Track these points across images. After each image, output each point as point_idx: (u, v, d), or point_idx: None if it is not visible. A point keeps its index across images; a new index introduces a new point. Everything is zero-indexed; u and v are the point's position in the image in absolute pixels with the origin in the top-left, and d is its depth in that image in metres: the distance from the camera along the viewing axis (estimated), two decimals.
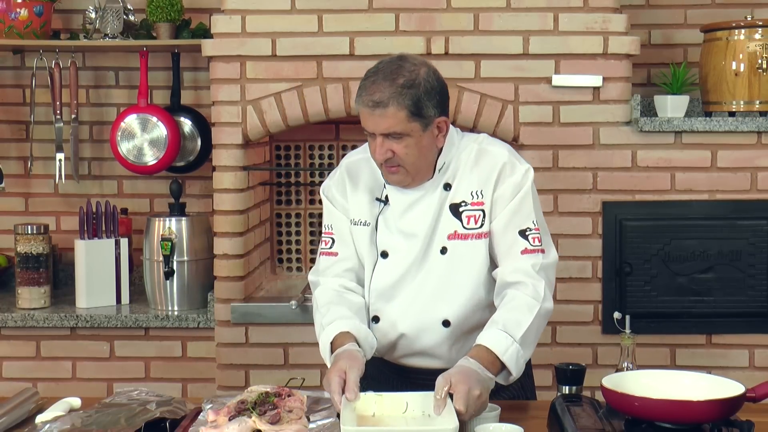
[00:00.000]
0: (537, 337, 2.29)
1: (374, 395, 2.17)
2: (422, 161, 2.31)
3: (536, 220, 2.35)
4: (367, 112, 2.25)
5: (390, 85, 2.23)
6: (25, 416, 2.23)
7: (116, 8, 3.78)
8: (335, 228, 2.47)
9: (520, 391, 2.49)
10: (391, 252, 2.38)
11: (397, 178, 2.33)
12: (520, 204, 2.33)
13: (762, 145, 3.45)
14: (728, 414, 1.98)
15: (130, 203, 4.05)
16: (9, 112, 4.08)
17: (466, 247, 2.34)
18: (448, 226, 2.35)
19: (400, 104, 2.22)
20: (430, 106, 2.26)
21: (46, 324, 3.61)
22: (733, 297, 3.48)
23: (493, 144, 2.41)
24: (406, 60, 2.29)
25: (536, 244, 2.33)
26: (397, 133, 2.25)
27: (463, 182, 2.36)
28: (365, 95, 2.25)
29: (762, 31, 3.46)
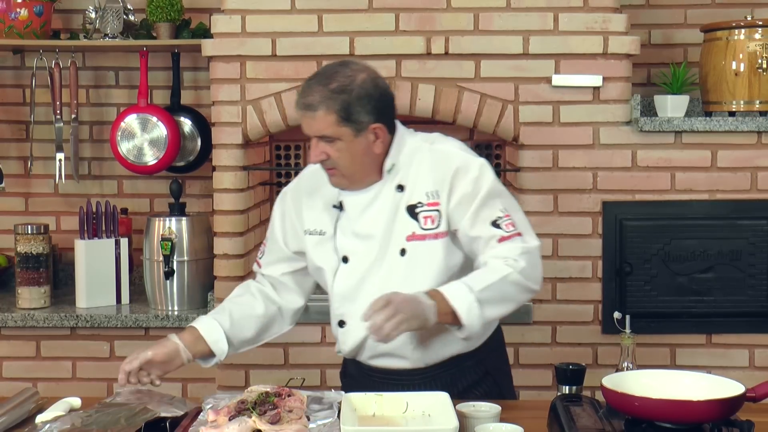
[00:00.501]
0: (504, 300, 2.28)
1: (374, 395, 2.17)
2: (357, 166, 2.35)
3: (504, 207, 2.35)
4: (300, 114, 2.33)
5: (322, 89, 2.28)
6: (25, 416, 2.23)
7: (116, 8, 3.78)
8: (269, 241, 2.58)
9: (494, 387, 2.50)
10: (351, 256, 2.42)
11: (335, 180, 2.39)
12: (484, 199, 2.34)
13: (762, 145, 3.45)
14: (728, 414, 1.98)
15: (130, 203, 4.05)
16: (9, 112, 4.09)
17: (425, 248, 2.36)
18: (406, 227, 2.37)
19: (330, 108, 2.27)
20: (363, 113, 2.30)
21: (46, 324, 3.61)
22: (733, 297, 3.48)
23: (445, 143, 2.44)
24: (346, 66, 2.35)
25: (510, 229, 2.33)
26: (328, 137, 2.30)
27: (417, 183, 2.38)
28: (300, 97, 2.33)
29: (762, 31, 3.46)
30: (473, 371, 2.47)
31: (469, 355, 2.46)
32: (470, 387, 2.46)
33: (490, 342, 2.52)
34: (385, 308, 2.15)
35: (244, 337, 2.51)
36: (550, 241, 3.45)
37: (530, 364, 3.47)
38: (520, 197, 3.49)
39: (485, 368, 2.50)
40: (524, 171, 3.46)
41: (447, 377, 2.42)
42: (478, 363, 2.48)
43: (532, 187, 3.45)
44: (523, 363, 3.48)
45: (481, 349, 2.49)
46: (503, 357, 2.62)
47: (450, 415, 2.03)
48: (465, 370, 2.45)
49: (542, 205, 3.46)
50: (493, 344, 2.54)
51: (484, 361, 2.49)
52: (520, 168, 3.48)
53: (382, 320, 2.14)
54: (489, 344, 2.52)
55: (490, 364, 2.51)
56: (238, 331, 2.48)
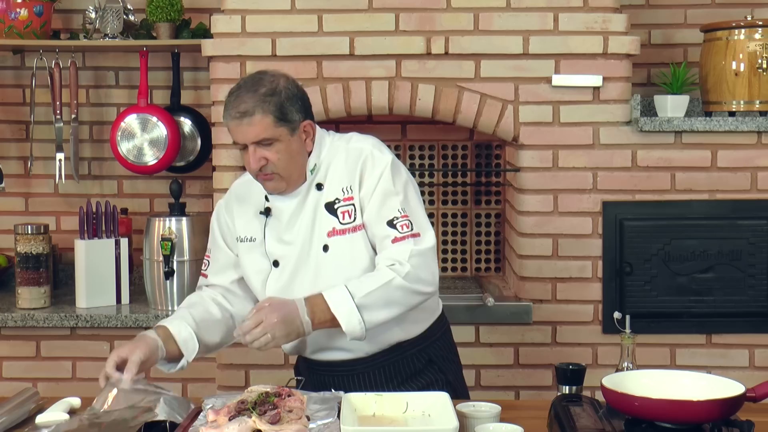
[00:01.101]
0: (389, 304, 2.35)
1: (374, 395, 2.17)
2: (294, 165, 2.43)
3: (402, 207, 2.42)
4: (235, 124, 2.38)
5: (253, 95, 2.36)
6: (25, 416, 2.23)
7: (116, 8, 3.78)
8: (213, 253, 2.62)
9: (439, 375, 2.56)
10: (281, 260, 2.49)
11: (273, 185, 2.45)
12: (384, 195, 2.42)
13: (762, 145, 3.45)
14: (728, 414, 1.98)
15: (130, 203, 4.05)
16: (9, 112, 4.09)
17: (346, 242, 2.44)
18: (326, 224, 2.46)
19: (265, 111, 2.36)
20: (294, 111, 2.40)
21: (46, 324, 3.61)
22: (733, 297, 3.48)
23: (359, 140, 2.52)
24: (265, 73, 2.44)
25: (405, 230, 2.39)
26: (267, 139, 2.37)
27: (334, 180, 2.47)
28: (231, 109, 2.38)
29: (762, 31, 3.46)
30: (416, 359, 2.54)
31: (410, 343, 2.53)
32: (414, 375, 2.53)
33: (433, 330, 2.59)
34: (255, 327, 2.27)
35: (208, 341, 2.53)
36: (550, 241, 3.46)
37: (530, 364, 3.48)
38: (520, 197, 3.49)
39: (428, 356, 2.56)
40: (524, 171, 3.46)
41: (390, 366, 2.51)
42: (421, 351, 2.55)
43: (532, 187, 3.45)
44: (523, 363, 3.48)
45: (424, 336, 2.56)
46: (449, 345, 2.68)
47: (450, 415, 2.03)
48: (408, 359, 2.52)
49: (542, 205, 3.46)
50: (436, 333, 2.60)
51: (427, 350, 2.56)
52: (520, 168, 3.48)
53: (250, 339, 2.27)
54: (432, 332, 2.59)
55: (433, 353, 2.58)
56: (204, 334, 2.50)
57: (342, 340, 2.43)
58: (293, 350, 2.58)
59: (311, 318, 2.31)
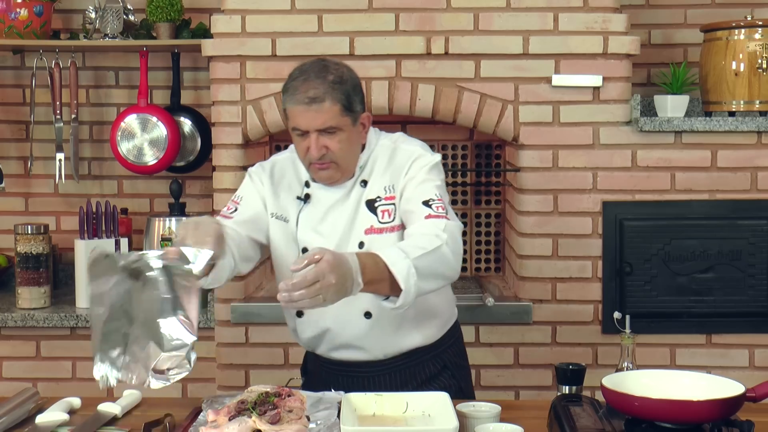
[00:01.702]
0: (435, 273, 2.23)
1: (374, 395, 2.17)
2: (352, 156, 2.41)
3: (439, 194, 2.38)
4: (302, 110, 2.33)
5: (322, 82, 2.32)
6: (25, 416, 2.23)
7: (116, 8, 3.78)
8: (244, 201, 2.50)
9: (452, 381, 2.54)
10: (310, 249, 2.40)
11: (327, 174, 2.40)
12: (423, 181, 2.39)
13: (762, 145, 3.45)
14: (728, 414, 1.98)
15: (130, 203, 4.05)
16: (9, 112, 4.09)
17: (382, 241, 2.39)
18: (365, 221, 2.42)
19: (335, 99, 2.32)
20: (357, 102, 2.38)
21: (46, 324, 3.61)
22: (733, 297, 3.48)
23: (407, 142, 2.49)
24: (328, 61, 2.40)
25: (439, 211, 2.35)
26: (332, 128, 2.33)
27: (377, 179, 2.44)
28: (299, 93, 2.32)
29: (762, 31, 3.46)
30: (431, 364, 2.52)
31: (427, 349, 2.51)
32: (428, 380, 2.51)
33: (448, 336, 2.58)
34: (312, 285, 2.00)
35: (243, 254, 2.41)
36: (550, 241, 3.46)
37: (530, 364, 3.48)
38: (520, 197, 3.49)
39: (443, 362, 2.54)
40: (524, 171, 3.46)
41: (405, 370, 2.48)
42: (437, 357, 2.53)
43: (532, 187, 3.45)
44: (523, 363, 3.48)
45: (440, 342, 2.54)
46: (461, 352, 2.66)
47: (450, 415, 2.03)
48: (423, 363, 2.50)
49: (542, 205, 3.46)
50: (451, 339, 2.59)
51: (442, 355, 2.54)
52: (520, 168, 3.48)
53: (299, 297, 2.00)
54: (447, 338, 2.57)
55: (448, 358, 2.56)
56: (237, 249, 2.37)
57: (361, 339, 2.40)
58: (308, 344, 2.52)
59: (363, 279, 2.10)
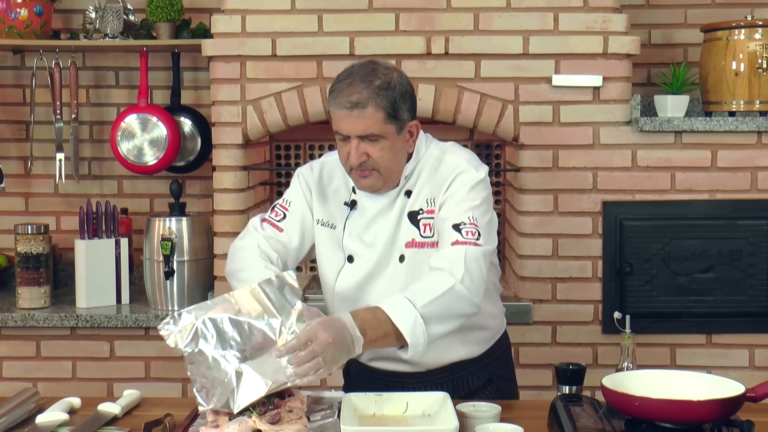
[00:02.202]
0: (449, 315, 2.18)
1: (374, 395, 2.17)
2: (395, 165, 2.32)
3: (473, 216, 2.27)
4: (343, 114, 2.25)
5: (367, 86, 2.24)
6: (25, 416, 2.23)
7: (116, 8, 3.78)
8: (293, 207, 2.46)
9: (496, 394, 2.47)
10: (356, 257, 2.38)
11: (369, 182, 2.32)
12: (459, 201, 2.30)
13: (762, 145, 3.45)
14: (728, 414, 1.98)
15: (130, 203, 4.05)
16: (9, 112, 4.08)
17: (423, 256, 2.32)
18: (407, 234, 2.35)
19: (378, 105, 2.24)
20: (405, 109, 2.29)
21: (46, 324, 3.61)
22: (734, 297, 3.48)
23: (454, 153, 2.39)
24: (378, 64, 2.32)
25: (468, 237, 2.25)
26: (374, 135, 2.25)
27: (421, 190, 2.36)
28: (342, 97, 2.25)
29: (762, 30, 3.46)
30: (476, 378, 2.45)
31: (472, 362, 2.44)
32: (472, 394, 2.42)
33: (495, 349, 2.50)
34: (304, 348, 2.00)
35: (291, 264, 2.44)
36: (550, 241, 3.46)
37: (530, 364, 3.47)
38: (520, 197, 3.49)
39: (488, 375, 2.48)
40: (524, 171, 3.46)
41: (449, 382, 2.39)
42: (481, 370, 2.46)
43: (532, 187, 3.45)
44: (523, 363, 3.48)
45: (486, 355, 2.47)
46: (508, 365, 2.59)
47: (450, 415, 2.03)
48: (467, 377, 2.43)
49: (542, 205, 3.46)
50: (498, 351, 2.52)
51: (487, 368, 2.47)
52: (520, 168, 3.48)
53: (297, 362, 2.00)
54: (494, 351, 2.50)
55: (493, 371, 2.50)
56: None
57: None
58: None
59: (362, 334, 2.07)
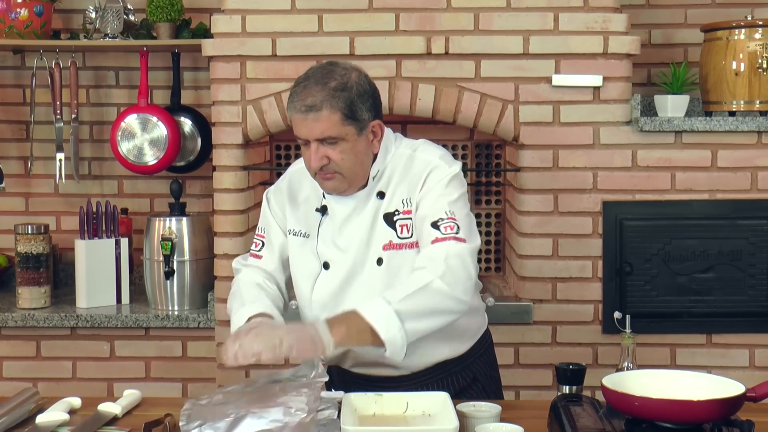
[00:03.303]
0: (427, 311, 2.16)
1: (374, 395, 2.17)
2: (358, 167, 2.29)
3: (450, 210, 2.26)
4: (300, 118, 2.24)
5: (322, 88, 2.22)
6: (25, 416, 2.23)
7: (116, 8, 3.78)
8: (266, 233, 2.47)
9: (482, 394, 2.46)
10: (331, 263, 2.36)
11: (332, 185, 2.30)
12: (436, 197, 2.28)
13: (762, 145, 3.45)
14: (729, 414, 1.98)
15: (131, 203, 4.05)
16: (9, 112, 4.09)
17: (401, 257, 2.30)
18: (383, 236, 2.32)
19: (334, 107, 2.21)
20: (364, 110, 2.25)
21: (46, 324, 3.62)
22: (734, 297, 3.47)
23: (426, 151, 2.36)
24: (336, 65, 2.29)
25: (448, 232, 2.23)
26: (332, 138, 2.23)
27: (396, 190, 2.33)
28: (297, 101, 2.24)
29: (762, 30, 3.46)
30: (460, 377, 2.43)
31: (455, 361, 2.42)
32: (458, 394, 2.39)
33: (477, 347, 2.48)
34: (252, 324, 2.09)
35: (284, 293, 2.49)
36: (550, 240, 3.46)
37: (530, 364, 3.47)
38: (520, 197, 3.49)
39: (473, 374, 2.46)
40: (524, 171, 3.46)
41: (434, 384, 2.37)
42: (466, 368, 2.44)
43: (532, 187, 3.45)
44: (523, 363, 3.48)
45: (469, 354, 2.45)
46: (492, 362, 2.57)
47: (450, 415, 2.03)
48: (452, 376, 2.41)
49: (542, 205, 3.46)
50: (480, 349, 2.50)
51: (471, 367, 2.45)
52: (520, 168, 3.48)
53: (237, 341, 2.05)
54: (477, 349, 2.48)
55: (477, 370, 2.48)
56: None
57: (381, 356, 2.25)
58: (331, 361, 2.41)
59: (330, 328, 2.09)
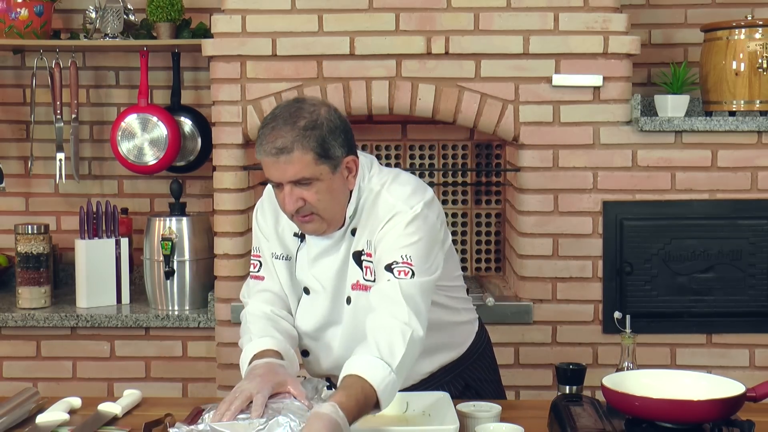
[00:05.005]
0: (410, 365, 2.09)
1: None
2: (335, 206, 2.20)
3: (407, 255, 2.14)
4: (270, 161, 2.12)
5: (291, 128, 2.11)
6: (25, 416, 2.23)
7: (116, 8, 3.78)
8: (262, 252, 2.40)
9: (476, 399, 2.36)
10: (311, 290, 2.32)
11: (312, 227, 2.22)
12: (397, 238, 2.17)
13: (762, 145, 3.45)
14: (729, 414, 1.98)
15: (131, 203, 4.05)
16: (9, 112, 4.09)
17: (366, 299, 2.20)
18: (353, 275, 2.25)
19: (305, 147, 2.10)
20: (337, 146, 2.15)
21: (46, 324, 3.61)
22: (734, 296, 3.47)
23: (392, 191, 2.23)
24: (304, 102, 2.19)
25: (401, 276, 2.13)
26: (306, 179, 2.13)
27: (365, 229, 2.24)
28: (266, 143, 2.12)
29: (762, 30, 3.45)
30: (452, 386, 2.37)
31: (445, 370, 2.39)
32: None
33: (469, 353, 2.44)
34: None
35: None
36: (550, 240, 3.46)
37: (530, 363, 3.47)
38: (520, 197, 3.49)
39: (464, 381, 2.42)
40: (524, 171, 3.46)
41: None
42: (456, 377, 2.40)
43: (532, 187, 3.45)
44: (523, 363, 3.48)
45: (457, 362, 2.41)
46: (488, 367, 2.52)
47: (450, 415, 2.03)
48: (442, 387, 2.34)
49: (542, 205, 3.45)
50: (473, 355, 2.46)
51: (462, 374, 2.41)
52: (521, 168, 3.48)
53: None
54: (468, 356, 2.44)
55: (469, 376, 2.44)
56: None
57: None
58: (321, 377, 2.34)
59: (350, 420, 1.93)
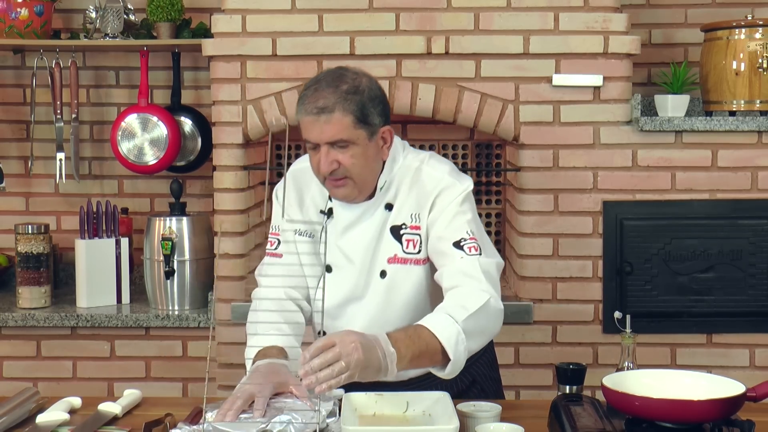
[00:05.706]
0: (482, 332, 2.16)
1: (374, 395, 2.17)
2: (368, 173, 2.25)
3: (471, 230, 2.24)
4: (310, 120, 2.20)
5: (334, 91, 2.18)
6: (25, 416, 2.23)
7: (116, 8, 3.79)
8: (282, 230, 2.42)
9: (480, 395, 2.44)
10: (335, 268, 2.33)
11: (344, 192, 2.27)
12: (453, 216, 2.26)
13: (762, 145, 3.45)
14: (729, 413, 1.98)
15: (131, 203, 4.05)
16: (9, 112, 4.09)
17: (405, 272, 2.28)
18: (389, 248, 2.30)
19: (346, 110, 2.17)
20: (375, 114, 2.22)
21: (46, 324, 3.62)
22: (734, 296, 3.47)
23: (434, 165, 2.33)
24: (347, 69, 2.25)
25: (473, 252, 2.21)
26: (344, 141, 2.19)
27: (405, 204, 2.30)
28: (308, 103, 2.19)
29: (762, 30, 3.45)
30: (459, 381, 2.38)
31: None
32: (456, 397, 2.33)
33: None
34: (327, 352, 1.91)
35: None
36: (551, 240, 3.46)
37: (531, 363, 3.47)
38: (520, 197, 3.49)
39: (472, 377, 2.44)
40: (524, 171, 3.46)
41: (432, 388, 2.31)
42: (464, 372, 2.36)
43: (533, 187, 3.45)
44: (523, 363, 3.48)
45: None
46: (492, 363, 2.56)
47: (450, 415, 2.03)
48: (450, 381, 2.33)
49: (542, 204, 3.46)
50: (479, 351, 2.43)
51: (470, 369, 2.41)
52: (521, 168, 3.48)
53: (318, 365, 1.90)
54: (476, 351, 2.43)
55: (476, 372, 2.46)
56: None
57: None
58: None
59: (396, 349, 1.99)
